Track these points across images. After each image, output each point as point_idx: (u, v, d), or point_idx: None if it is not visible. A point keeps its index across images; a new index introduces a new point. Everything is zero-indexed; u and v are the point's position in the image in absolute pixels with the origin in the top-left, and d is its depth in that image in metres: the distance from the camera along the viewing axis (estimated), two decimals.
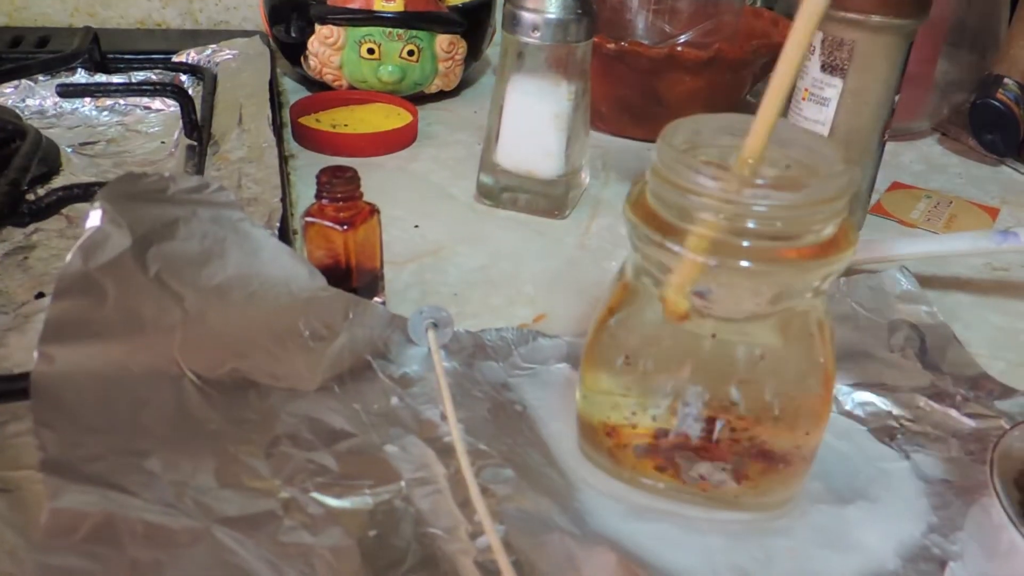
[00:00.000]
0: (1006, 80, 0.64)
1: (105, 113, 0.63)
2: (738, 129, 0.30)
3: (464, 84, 0.72)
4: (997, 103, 0.62)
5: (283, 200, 0.46)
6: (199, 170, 0.51)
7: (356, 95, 0.65)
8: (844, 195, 0.26)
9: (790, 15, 0.71)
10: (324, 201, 0.38)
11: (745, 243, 0.26)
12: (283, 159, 0.55)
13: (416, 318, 0.37)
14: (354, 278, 0.38)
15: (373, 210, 0.39)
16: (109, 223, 0.27)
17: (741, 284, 0.27)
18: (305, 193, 0.53)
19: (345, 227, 0.37)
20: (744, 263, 0.26)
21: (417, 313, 0.37)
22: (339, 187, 0.37)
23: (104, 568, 0.22)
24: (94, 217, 0.27)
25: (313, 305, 0.34)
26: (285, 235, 0.45)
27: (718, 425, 0.30)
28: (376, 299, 0.40)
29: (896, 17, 0.45)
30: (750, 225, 0.26)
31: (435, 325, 0.37)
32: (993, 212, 0.57)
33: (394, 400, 0.34)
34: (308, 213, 0.38)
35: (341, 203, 0.37)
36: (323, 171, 0.38)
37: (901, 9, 0.45)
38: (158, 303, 0.29)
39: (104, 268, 0.28)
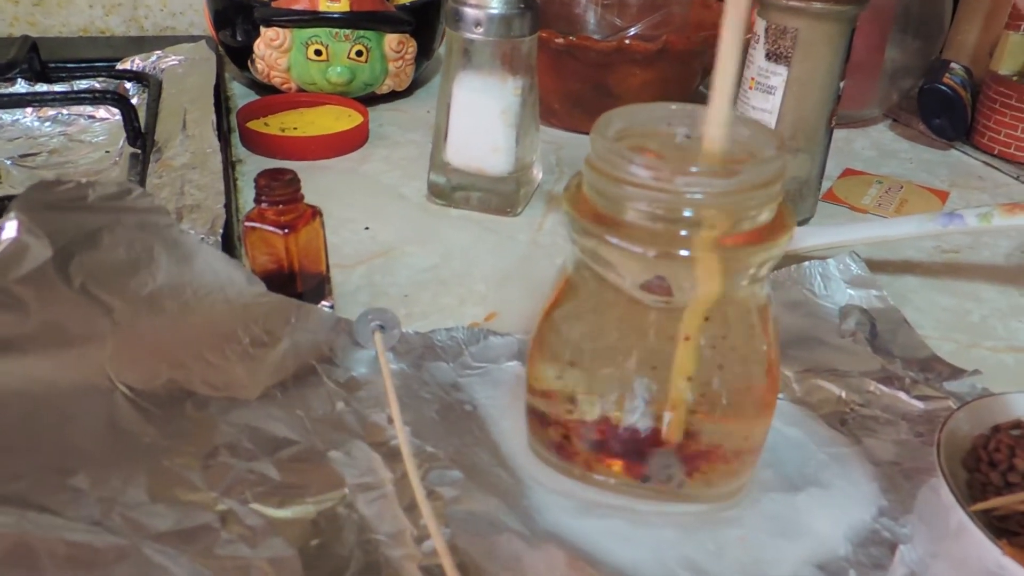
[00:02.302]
0: (953, 65, 0.65)
1: (47, 124, 0.61)
2: (673, 118, 0.30)
3: (417, 84, 0.72)
4: (944, 87, 0.62)
5: (227, 206, 0.45)
6: (141, 179, 0.50)
7: (305, 98, 0.64)
8: (778, 180, 0.26)
9: None
10: (264, 205, 0.37)
11: (683, 232, 0.26)
12: (230, 165, 0.54)
13: (362, 321, 0.36)
14: (299, 283, 0.38)
15: (315, 212, 0.38)
16: (26, 234, 0.26)
17: (681, 274, 0.27)
18: (252, 198, 0.52)
19: (286, 231, 0.36)
20: (683, 252, 0.26)
21: (363, 315, 0.36)
22: (278, 190, 0.36)
23: None
24: (9, 228, 0.26)
25: (252, 311, 0.33)
26: (230, 241, 0.44)
27: (666, 418, 0.30)
28: (324, 303, 0.40)
29: (837, 4, 0.45)
30: (686, 214, 0.25)
31: (382, 327, 0.36)
32: (943, 195, 0.58)
33: (339, 405, 0.34)
34: (248, 218, 0.37)
35: (281, 206, 0.37)
36: (261, 174, 0.37)
37: None
38: (85, 315, 0.28)
39: (23, 280, 0.27)
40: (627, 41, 0.58)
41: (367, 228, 0.49)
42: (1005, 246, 0.51)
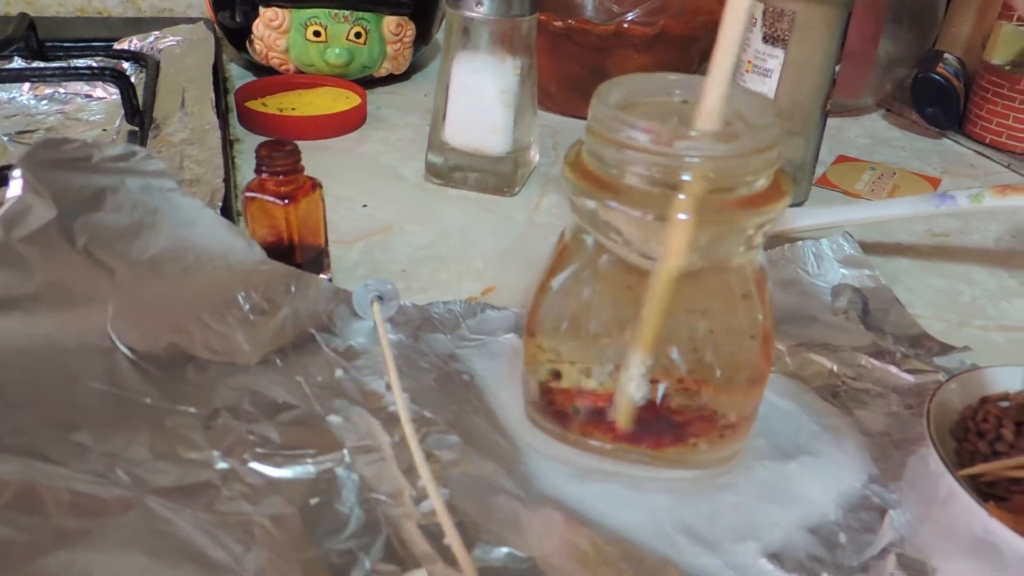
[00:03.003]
0: (946, 55, 0.65)
1: (44, 102, 0.61)
2: (672, 88, 0.30)
3: (415, 68, 0.72)
4: (938, 77, 0.63)
5: (226, 180, 0.45)
6: None
7: (304, 79, 0.64)
8: (775, 146, 0.26)
9: None
10: (264, 175, 0.37)
11: (680, 196, 0.26)
12: (228, 142, 0.54)
13: (361, 291, 0.36)
14: (298, 254, 0.38)
15: (315, 184, 0.38)
16: (30, 192, 0.26)
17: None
18: (250, 176, 0.52)
19: (286, 201, 0.37)
20: (681, 216, 0.26)
21: (362, 286, 0.36)
22: (279, 160, 0.37)
23: (28, 536, 0.21)
24: (14, 186, 0.26)
25: (253, 278, 0.33)
26: (229, 215, 0.44)
27: (661, 388, 0.30)
28: (322, 276, 0.40)
29: None
30: (684, 178, 0.26)
31: (380, 298, 0.36)
32: (935, 182, 0.58)
33: (338, 372, 0.34)
34: (248, 188, 0.37)
35: (281, 176, 0.37)
36: (262, 145, 0.37)
37: None
38: (87, 276, 0.28)
39: (28, 240, 0.27)
40: (625, 25, 0.58)
41: (365, 206, 0.49)
42: (995, 230, 0.51)
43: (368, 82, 0.66)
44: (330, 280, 0.41)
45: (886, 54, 0.68)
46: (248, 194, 0.37)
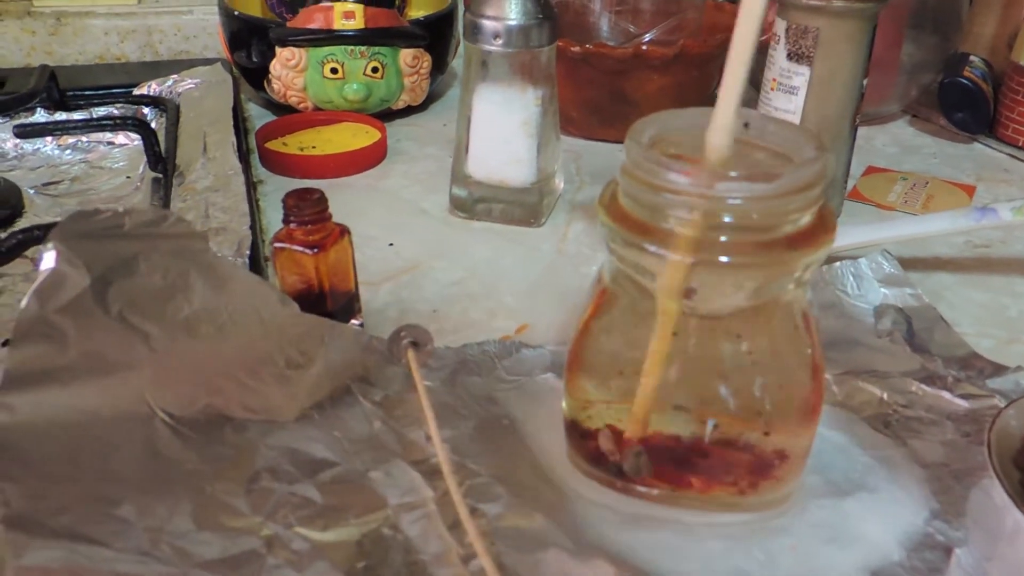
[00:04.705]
0: (972, 58, 0.64)
1: (68, 152, 0.61)
2: (707, 123, 0.29)
3: (432, 98, 0.72)
4: (965, 81, 0.62)
5: (252, 227, 0.45)
6: (165, 203, 0.50)
7: (323, 116, 0.64)
8: (819, 182, 0.26)
9: None
10: (292, 225, 0.37)
11: (723, 238, 0.25)
12: (251, 186, 0.54)
13: (394, 338, 0.36)
14: (329, 302, 0.38)
15: (343, 231, 0.38)
16: (64, 263, 0.26)
17: (723, 280, 0.26)
18: (275, 219, 0.52)
19: (315, 250, 0.36)
20: (723, 258, 0.25)
21: (395, 333, 0.36)
22: (306, 210, 0.36)
23: None
24: (48, 259, 0.26)
25: (286, 332, 0.33)
26: (256, 263, 0.44)
27: (709, 425, 0.29)
28: (353, 321, 0.40)
29: (858, 1, 0.45)
30: (726, 219, 0.25)
31: (414, 344, 0.36)
32: (970, 190, 0.57)
33: (377, 424, 0.33)
34: (276, 239, 0.37)
35: (309, 226, 0.37)
36: (289, 195, 0.37)
37: None
38: (123, 342, 0.28)
39: (63, 310, 0.27)
40: (644, 47, 0.57)
41: (391, 244, 0.49)
42: None
43: (386, 115, 0.66)
44: (361, 325, 0.40)
45: (910, 59, 0.67)
46: (276, 244, 0.37)
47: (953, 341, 0.40)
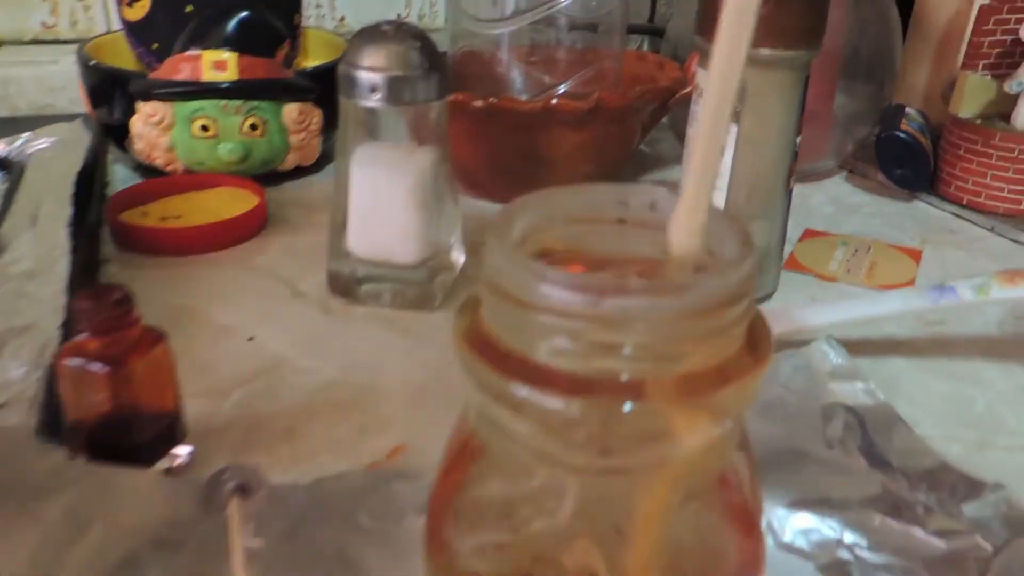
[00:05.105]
0: (908, 110, 0.60)
1: None
2: (601, 202, 0.22)
3: (327, 156, 0.64)
4: (903, 135, 0.57)
5: (65, 326, 0.36)
6: None
7: (194, 180, 0.56)
8: (748, 292, 0.19)
9: (676, 57, 0.65)
10: (84, 335, 0.28)
11: (623, 376, 0.18)
12: (87, 268, 0.45)
13: (214, 482, 0.27)
14: (135, 431, 0.29)
15: (156, 337, 0.30)
16: None
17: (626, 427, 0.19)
18: None
19: (111, 367, 0.28)
20: (625, 406, 0.18)
21: (216, 475, 0.27)
22: (102, 314, 0.28)
23: None
24: None
25: (45, 493, 0.24)
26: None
27: None
28: (177, 451, 0.31)
29: (787, 48, 0.39)
30: (625, 351, 0.18)
31: (240, 490, 0.27)
32: (915, 254, 0.51)
33: None
34: (63, 354, 0.28)
35: (106, 336, 0.28)
36: (82, 294, 0.29)
37: (792, 40, 0.39)
38: None
39: None
40: (554, 101, 0.51)
41: (252, 339, 0.41)
42: (995, 312, 0.44)
43: (272, 177, 0.58)
44: (191, 453, 0.32)
45: (843, 111, 0.63)
46: (64, 362, 0.28)
47: (915, 448, 0.33)
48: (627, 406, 0.18)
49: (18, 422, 0.27)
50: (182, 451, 0.31)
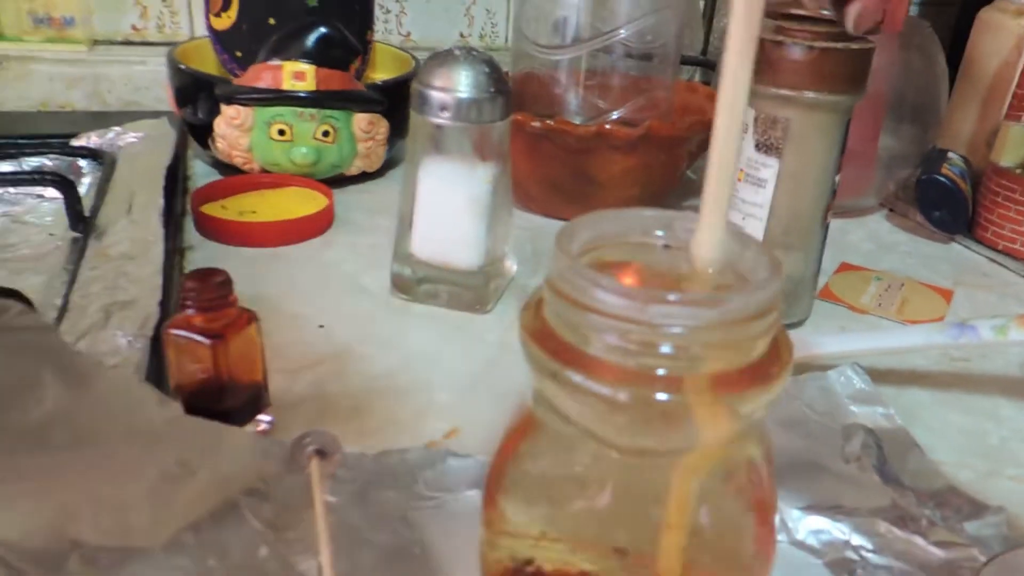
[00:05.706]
0: (950, 155, 0.62)
1: None
2: (650, 226, 0.26)
3: (390, 164, 0.68)
4: (943, 179, 0.59)
5: (163, 303, 0.40)
6: (74, 268, 0.45)
7: (268, 179, 0.60)
8: (773, 309, 0.22)
9: None
10: (190, 311, 0.32)
11: (659, 371, 0.21)
12: (176, 253, 0.50)
13: (297, 444, 0.31)
14: (231, 396, 0.33)
15: (250, 318, 0.34)
16: None
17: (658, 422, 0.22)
18: None
19: (214, 340, 0.32)
20: (660, 396, 0.21)
21: (299, 438, 0.31)
22: (207, 294, 0.32)
23: None
24: None
25: (163, 439, 0.28)
26: (157, 347, 0.39)
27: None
28: (260, 417, 0.35)
29: (831, 93, 0.42)
30: (663, 350, 0.21)
31: (320, 452, 0.31)
32: (947, 294, 0.54)
33: (263, 551, 0.29)
34: (172, 325, 0.33)
35: (210, 312, 0.32)
36: (189, 275, 0.33)
37: (836, 85, 0.42)
38: None
39: None
40: (607, 126, 0.54)
41: (321, 326, 0.45)
42: (1019, 354, 0.46)
43: (339, 181, 0.63)
44: (271, 421, 0.35)
45: (887, 152, 0.65)
46: (172, 332, 0.32)
47: (928, 470, 0.36)
48: (663, 396, 0.21)
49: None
50: (265, 419, 0.35)
